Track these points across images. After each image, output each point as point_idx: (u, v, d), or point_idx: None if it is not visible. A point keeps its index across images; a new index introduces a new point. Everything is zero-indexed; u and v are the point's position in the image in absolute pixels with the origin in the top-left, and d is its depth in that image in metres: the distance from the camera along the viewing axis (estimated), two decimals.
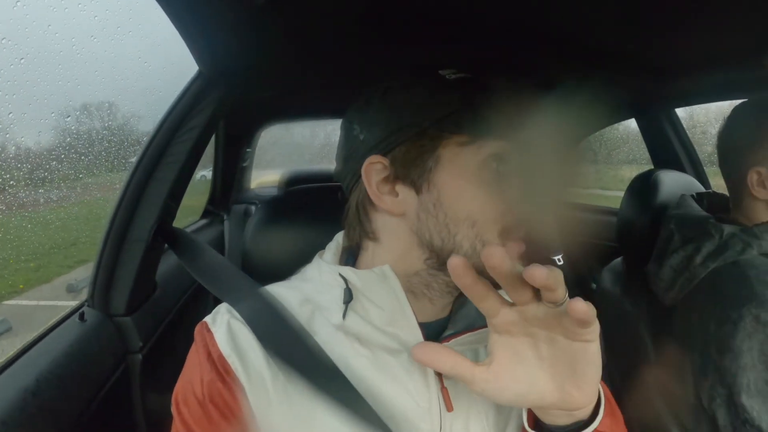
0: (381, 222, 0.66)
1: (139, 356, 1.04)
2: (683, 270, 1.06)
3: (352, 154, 0.66)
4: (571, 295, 0.44)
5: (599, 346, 0.49)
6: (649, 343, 1.14)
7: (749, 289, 0.91)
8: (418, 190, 0.62)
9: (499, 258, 0.42)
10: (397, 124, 0.62)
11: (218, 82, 1.00)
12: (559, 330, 0.47)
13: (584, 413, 0.54)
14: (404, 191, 0.63)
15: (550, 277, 0.41)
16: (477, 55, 0.99)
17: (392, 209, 0.63)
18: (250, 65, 1.02)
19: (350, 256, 0.72)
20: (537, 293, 0.45)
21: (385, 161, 0.62)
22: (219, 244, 2.06)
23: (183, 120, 1.01)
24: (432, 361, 0.50)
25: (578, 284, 1.92)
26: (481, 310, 0.50)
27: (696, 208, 1.16)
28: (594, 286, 1.82)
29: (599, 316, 0.45)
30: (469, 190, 0.60)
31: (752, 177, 1.00)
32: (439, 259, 0.62)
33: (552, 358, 0.50)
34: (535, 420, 0.57)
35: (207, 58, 0.94)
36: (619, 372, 1.29)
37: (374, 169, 0.63)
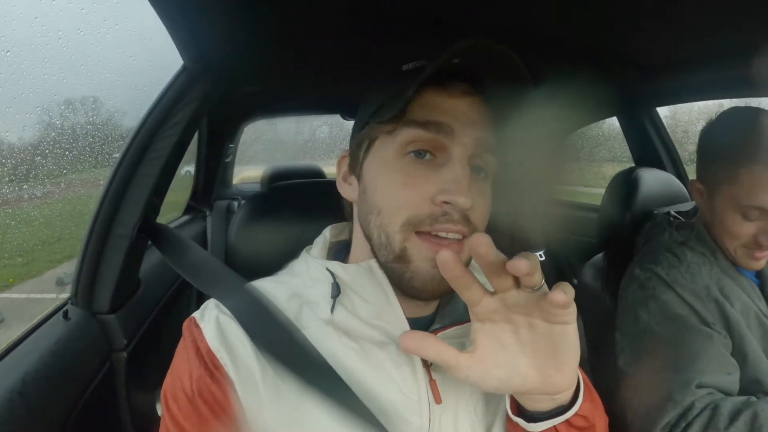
0: (353, 209, 0.71)
1: (124, 354, 1.04)
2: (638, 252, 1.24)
3: None
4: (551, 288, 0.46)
5: (577, 329, 0.51)
6: None
7: (641, 255, 1.14)
8: (358, 179, 0.66)
9: (486, 247, 0.44)
10: (360, 120, 0.68)
11: (203, 76, 1.00)
12: (537, 314, 0.50)
13: (565, 397, 0.55)
14: (354, 180, 0.68)
15: (530, 265, 0.44)
16: None
17: (347, 196, 0.70)
18: (235, 60, 1.02)
19: (339, 251, 0.74)
20: (517, 280, 0.48)
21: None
22: (201, 241, 2.04)
23: (167, 115, 1.00)
24: (418, 349, 0.51)
25: (560, 279, 1.92)
26: (464, 299, 0.52)
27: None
28: (575, 281, 1.84)
29: (581, 312, 0.47)
30: (381, 179, 0.62)
31: (693, 186, 1.11)
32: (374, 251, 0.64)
33: (532, 343, 0.52)
34: (518, 407, 0.59)
35: (192, 53, 0.94)
36: (601, 366, 1.30)
37: (344, 162, 0.70)
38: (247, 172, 3.59)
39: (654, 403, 0.94)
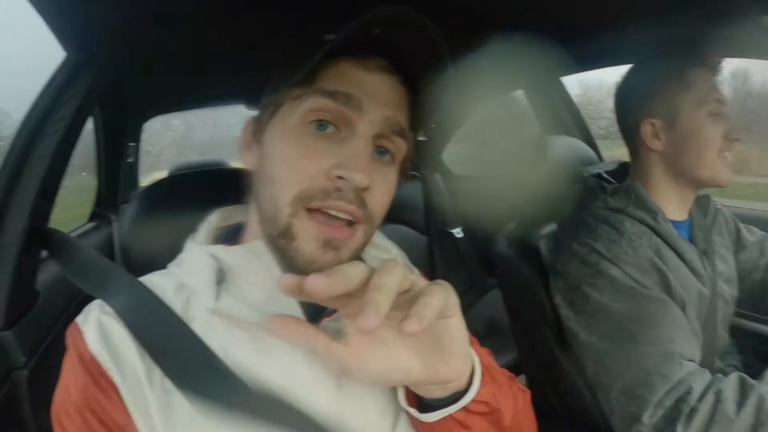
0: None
1: (25, 372, 0.96)
2: (564, 219, 1.21)
3: None
4: (472, 264, 0.44)
5: (462, 319, 0.49)
6: (546, 302, 1.18)
7: (575, 227, 1.09)
8: (259, 146, 0.63)
9: (324, 288, 0.39)
10: (271, 85, 0.64)
11: (87, 67, 0.94)
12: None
13: (459, 385, 0.52)
14: (256, 148, 0.64)
15: (331, 284, 0.39)
16: None
17: (247, 164, 0.65)
18: (121, 48, 0.96)
19: (228, 236, 0.70)
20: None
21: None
22: (109, 247, 1.93)
23: (51, 110, 0.93)
24: (283, 334, 0.46)
25: (478, 252, 1.96)
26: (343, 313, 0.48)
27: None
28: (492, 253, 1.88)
29: (500, 281, 0.45)
30: (279, 147, 0.59)
31: (646, 129, 1.04)
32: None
33: (414, 338, 0.48)
34: (416, 396, 0.56)
35: (72, 42, 0.88)
36: (524, 335, 1.34)
37: (249, 128, 0.66)
38: (158, 174, 3.54)
39: (638, 380, 0.91)
